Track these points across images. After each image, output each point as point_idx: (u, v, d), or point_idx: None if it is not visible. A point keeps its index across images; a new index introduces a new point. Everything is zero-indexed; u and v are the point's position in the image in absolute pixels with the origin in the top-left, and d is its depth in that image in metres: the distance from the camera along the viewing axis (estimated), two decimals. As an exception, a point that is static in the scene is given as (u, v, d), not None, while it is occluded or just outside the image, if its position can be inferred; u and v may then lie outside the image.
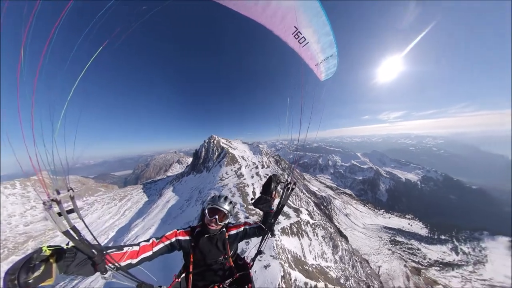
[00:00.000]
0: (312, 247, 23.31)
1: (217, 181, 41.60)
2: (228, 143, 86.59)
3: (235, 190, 31.61)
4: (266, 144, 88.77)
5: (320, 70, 2.58)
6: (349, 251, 33.08)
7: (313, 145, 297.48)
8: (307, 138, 2.36)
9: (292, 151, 3.12)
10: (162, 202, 50.17)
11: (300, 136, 2.28)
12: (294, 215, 25.86)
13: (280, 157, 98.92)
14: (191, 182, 63.26)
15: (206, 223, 2.09)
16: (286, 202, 2.35)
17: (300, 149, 2.60)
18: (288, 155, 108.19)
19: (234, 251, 2.34)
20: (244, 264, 2.39)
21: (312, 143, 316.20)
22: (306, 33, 2.10)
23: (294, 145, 2.61)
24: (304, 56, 2.35)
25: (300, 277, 13.48)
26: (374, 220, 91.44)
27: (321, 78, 2.69)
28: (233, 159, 58.83)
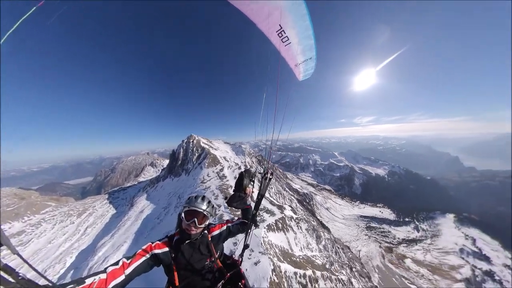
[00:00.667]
0: (298, 240, 25.16)
1: (198, 184, 39.94)
2: (209, 143, 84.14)
3: (218, 192, 30.62)
4: (249, 144, 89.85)
5: (299, 70, 2.71)
6: (331, 240, 37.00)
7: (295, 145, 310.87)
8: (282, 137, 2.46)
9: (274, 151, 3.23)
10: (134, 213, 45.36)
11: (277, 134, 2.38)
12: (278, 212, 27.37)
13: (263, 157, 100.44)
14: (169, 187, 58.20)
15: (184, 229, 1.87)
16: (265, 192, 2.31)
17: (282, 149, 3.20)
18: (270, 156, 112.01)
19: (220, 252, 2.21)
20: (233, 262, 2.33)
21: (293, 144, 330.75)
22: (290, 34, 2.18)
23: (276, 145, 2.82)
24: (285, 55, 2.43)
25: (289, 268, 14.58)
26: (351, 211, 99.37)
27: (300, 78, 2.83)
28: (214, 160, 54.43)
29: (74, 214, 54.72)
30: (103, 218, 53.37)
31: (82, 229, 48.62)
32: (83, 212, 56.44)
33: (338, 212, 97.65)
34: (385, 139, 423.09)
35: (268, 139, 2.57)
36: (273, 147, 2.85)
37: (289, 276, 13.73)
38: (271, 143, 2.69)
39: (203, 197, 2.00)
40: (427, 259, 60.18)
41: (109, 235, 37.23)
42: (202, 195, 2.01)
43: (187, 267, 1.82)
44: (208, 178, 42.77)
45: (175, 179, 63.73)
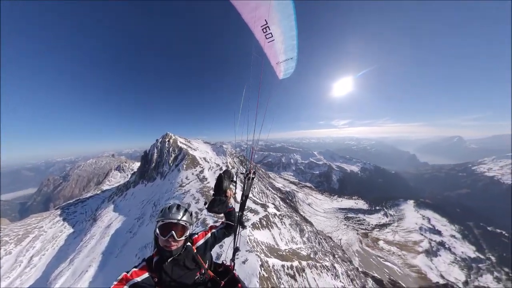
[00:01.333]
0: (283, 235, 26.81)
1: (176, 188, 37.73)
2: (188, 143, 79.27)
3: (198, 195, 29.97)
4: (231, 144, 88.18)
5: (280, 69, 2.77)
6: (314, 232, 40.66)
7: (277, 145, 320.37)
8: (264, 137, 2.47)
9: (257, 151, 3.25)
10: (99, 229, 39.35)
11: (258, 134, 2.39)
12: (262, 210, 28.35)
13: (245, 157, 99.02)
14: (141, 194, 52.92)
15: (163, 246, 1.65)
16: (249, 192, 2.31)
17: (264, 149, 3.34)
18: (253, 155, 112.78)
19: (209, 261, 2.09)
20: (226, 268, 2.25)
21: (275, 144, 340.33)
22: (274, 31, 2.21)
23: (258, 145, 2.81)
24: (268, 52, 2.47)
25: (276, 262, 15.29)
26: (331, 205, 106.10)
27: (280, 76, 2.89)
28: (193, 161, 52.12)
29: (10, 241, 41.30)
30: (56, 241, 42.61)
31: (25, 260, 37.29)
32: (25, 237, 43.64)
33: (319, 207, 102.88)
34: (358, 140, 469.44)
35: (250, 139, 2.54)
36: (255, 147, 2.81)
37: (277, 269, 14.60)
38: (252, 143, 2.66)
39: (178, 205, 1.77)
40: (395, 239, 68.92)
41: (67, 261, 30.98)
42: (176, 204, 1.78)
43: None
44: (187, 181, 40.49)
45: (148, 184, 58.15)
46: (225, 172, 2.25)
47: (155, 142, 75.22)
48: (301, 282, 17.77)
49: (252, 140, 2.55)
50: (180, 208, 1.76)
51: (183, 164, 49.94)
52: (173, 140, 72.29)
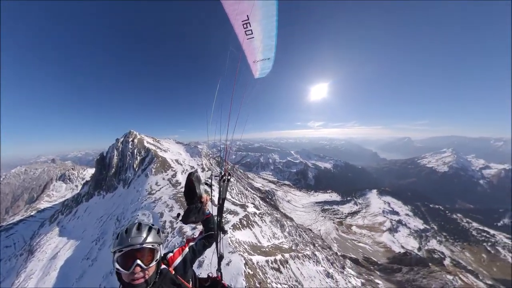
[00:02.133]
0: (264, 232, 27.90)
1: (144, 196, 34.27)
2: (156, 143, 71.50)
3: (172, 202, 27.86)
4: (207, 144, 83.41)
5: (256, 67, 2.80)
6: (294, 226, 42.95)
7: (255, 145, 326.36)
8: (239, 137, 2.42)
9: (235, 151, 3.26)
10: (40, 263, 30.94)
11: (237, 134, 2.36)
12: (241, 210, 28.74)
13: (222, 158, 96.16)
14: (99, 208, 45.47)
15: (129, 282, 1.27)
16: (225, 194, 2.22)
17: (242, 149, 3.07)
18: (230, 155, 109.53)
19: (193, 279, 1.87)
20: (214, 281, 2.09)
21: (254, 144, 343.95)
22: (255, 28, 2.22)
23: (236, 145, 3.04)
24: (246, 48, 2.46)
25: (260, 259, 15.92)
26: (308, 200, 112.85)
27: (256, 75, 2.92)
28: (164, 164, 47.99)
29: None
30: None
31: None
32: None
33: (298, 203, 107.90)
34: (330, 140, 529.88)
35: (226, 139, 2.49)
36: (232, 147, 2.75)
37: (262, 265, 15.27)
38: (226, 143, 2.65)
39: (139, 224, 1.42)
40: (365, 223, 78.95)
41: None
42: (135, 223, 1.42)
43: None
44: (157, 187, 37.18)
45: (108, 195, 49.67)
46: (192, 174, 2.01)
47: (115, 143, 64.88)
48: (286, 273, 19.07)
49: (226, 140, 2.54)
50: (142, 227, 1.39)
51: (151, 168, 45.08)
52: (139, 139, 64.14)
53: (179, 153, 70.78)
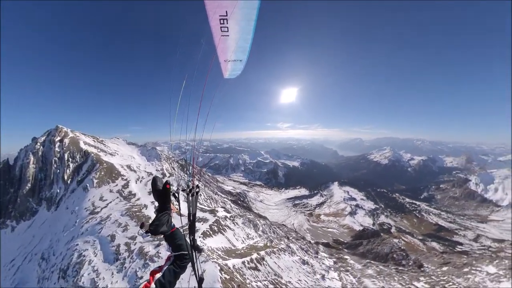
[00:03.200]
0: (237, 235, 28.08)
1: (84, 218, 28.02)
2: (99, 144, 58.22)
3: (126, 220, 24.15)
4: (167, 145, 73.17)
5: (227, 67, 2.72)
6: (268, 225, 43.97)
7: (224, 146, 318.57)
8: (208, 137, 2.38)
9: (201, 153, 2.10)
10: None
11: (207, 134, 2.32)
12: (211, 216, 28.24)
13: (187, 162, 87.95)
14: (7, 247, 34.02)
15: None
16: (196, 210, 2.06)
17: (210, 151, 2.47)
18: (197, 157, 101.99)
19: None
20: None
21: (223, 144, 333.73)
22: (231, 27, 2.15)
23: (203, 146, 2.23)
24: (218, 45, 2.36)
25: (236, 262, 16.14)
26: (280, 197, 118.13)
27: (225, 75, 2.84)
28: (111, 171, 40.20)
29: None
30: None
31: None
32: None
33: (270, 201, 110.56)
34: (298, 140, 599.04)
35: (192, 139, 2.43)
36: (199, 148, 2.66)
37: (238, 268, 15.55)
38: (193, 150, 2.69)
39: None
40: (330, 211, 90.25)
41: None
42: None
43: None
44: (102, 203, 31.05)
45: (20, 226, 37.02)
46: (156, 180, 1.96)
47: (31, 144, 48.25)
48: (264, 269, 19.59)
49: (193, 146, 2.51)
50: None
51: (92, 179, 36.52)
52: (72, 140, 50.32)
53: (131, 157, 59.66)
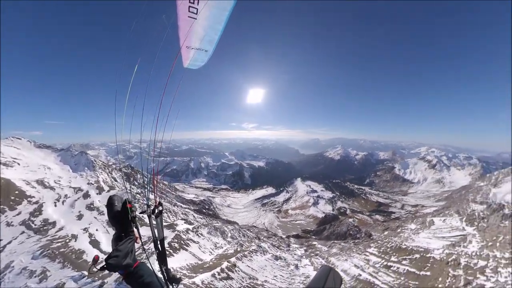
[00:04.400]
0: (204, 247, 26.93)
1: None
2: None
3: (43, 263, 17.84)
4: (106, 148, 58.30)
5: (188, 55, 2.48)
6: (237, 229, 43.38)
7: (183, 148, 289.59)
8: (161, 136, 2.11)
9: (154, 157, 2.55)
10: None
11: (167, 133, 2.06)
12: (169, 232, 27.15)
13: (134, 169, 74.66)
14: None
15: None
16: (163, 234, 1.90)
17: (166, 154, 2.45)
18: (147, 163, 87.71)
19: None
20: None
21: (181, 146, 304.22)
22: (202, 11, 2.00)
23: (157, 148, 2.24)
24: (182, 27, 2.15)
25: (205, 276, 15.64)
26: (248, 199, 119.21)
27: (185, 63, 2.59)
28: (7, 193, 29.93)
29: None
30: None
31: None
32: None
33: (238, 205, 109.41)
34: (263, 141, 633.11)
35: (145, 140, 2.20)
36: (150, 150, 2.43)
37: (209, 282, 15.07)
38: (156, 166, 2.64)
39: None
40: (296, 205, 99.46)
41: None
42: None
43: None
44: None
45: None
46: (112, 198, 1.73)
47: None
48: (237, 276, 19.42)
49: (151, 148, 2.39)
50: None
51: None
52: None
53: (45, 167, 46.51)
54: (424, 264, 22.14)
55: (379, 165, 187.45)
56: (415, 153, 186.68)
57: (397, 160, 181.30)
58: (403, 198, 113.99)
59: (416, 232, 35.18)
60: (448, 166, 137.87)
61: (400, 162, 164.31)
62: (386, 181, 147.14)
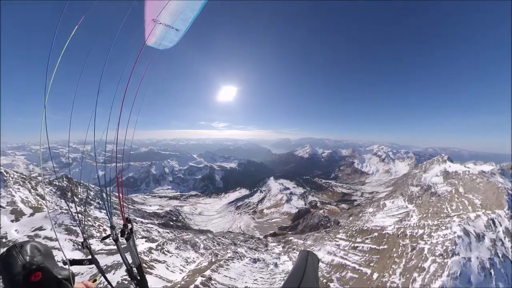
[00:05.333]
0: (173, 265, 25.31)
1: None
2: None
3: None
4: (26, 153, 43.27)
5: (155, 31, 2.12)
6: (210, 238, 42.01)
7: (142, 151, 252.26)
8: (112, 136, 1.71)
9: (101, 163, 2.41)
10: None
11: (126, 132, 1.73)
12: (127, 255, 21.56)
13: (73, 181, 61.14)
14: None
15: None
16: (138, 259, 1.63)
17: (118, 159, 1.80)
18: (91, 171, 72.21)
19: None
20: None
21: (139, 148, 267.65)
22: None
23: (105, 151, 2.00)
24: None
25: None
26: (221, 204, 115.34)
27: (149, 40, 2.19)
28: None
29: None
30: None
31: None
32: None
33: (211, 211, 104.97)
34: (234, 141, 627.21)
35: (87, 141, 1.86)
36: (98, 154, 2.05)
37: None
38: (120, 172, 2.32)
39: None
40: (271, 204, 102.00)
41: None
42: None
43: None
44: None
45: None
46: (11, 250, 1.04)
47: None
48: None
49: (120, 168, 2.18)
50: None
51: None
52: None
53: None
54: (382, 240, 26.80)
55: (342, 161, 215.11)
56: (369, 150, 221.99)
57: (356, 156, 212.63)
58: (362, 187, 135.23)
59: (373, 214, 42.19)
60: (393, 159, 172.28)
61: (358, 157, 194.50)
62: (348, 174, 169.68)
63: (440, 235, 21.48)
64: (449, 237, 20.51)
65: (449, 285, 15.44)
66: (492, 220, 23.37)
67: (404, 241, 23.67)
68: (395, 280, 18.60)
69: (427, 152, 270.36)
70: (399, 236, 25.26)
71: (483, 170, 45.92)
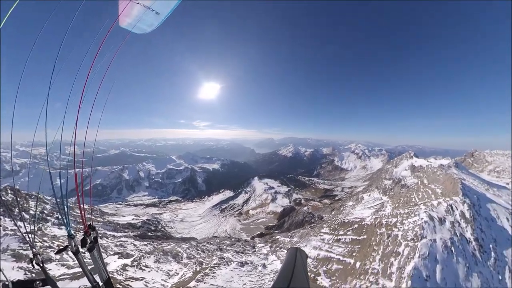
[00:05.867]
0: (153, 280, 23.90)
1: None
2: None
3: None
4: None
5: (132, 13, 1.91)
6: (194, 246, 40.59)
7: (111, 153, 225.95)
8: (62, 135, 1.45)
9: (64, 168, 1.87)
10: None
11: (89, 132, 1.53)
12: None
13: (21, 193, 52.91)
14: None
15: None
16: (106, 270, 1.46)
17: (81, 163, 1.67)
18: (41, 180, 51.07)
19: None
20: None
21: (109, 150, 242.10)
22: None
23: (67, 154, 1.68)
24: None
25: None
26: (204, 208, 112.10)
27: (123, 22, 1.99)
28: None
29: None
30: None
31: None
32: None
33: (194, 216, 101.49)
34: (217, 141, 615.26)
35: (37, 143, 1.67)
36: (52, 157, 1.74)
37: None
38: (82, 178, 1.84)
39: None
40: (256, 204, 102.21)
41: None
42: None
43: None
44: None
45: None
46: None
47: None
48: None
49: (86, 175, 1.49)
50: None
51: None
52: None
53: None
54: (361, 230, 29.20)
55: (323, 159, 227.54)
56: (348, 148, 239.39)
57: (336, 154, 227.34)
58: (342, 183, 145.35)
59: (353, 207, 45.69)
60: (369, 156, 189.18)
61: (338, 155, 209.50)
62: (329, 171, 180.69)
63: (411, 222, 24.35)
64: (418, 223, 23.39)
65: (420, 265, 17.68)
66: (450, 206, 27.34)
67: (381, 229, 26.19)
68: (375, 266, 20.52)
69: (397, 149, 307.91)
70: (376, 225, 27.87)
71: (442, 164, 53.61)
